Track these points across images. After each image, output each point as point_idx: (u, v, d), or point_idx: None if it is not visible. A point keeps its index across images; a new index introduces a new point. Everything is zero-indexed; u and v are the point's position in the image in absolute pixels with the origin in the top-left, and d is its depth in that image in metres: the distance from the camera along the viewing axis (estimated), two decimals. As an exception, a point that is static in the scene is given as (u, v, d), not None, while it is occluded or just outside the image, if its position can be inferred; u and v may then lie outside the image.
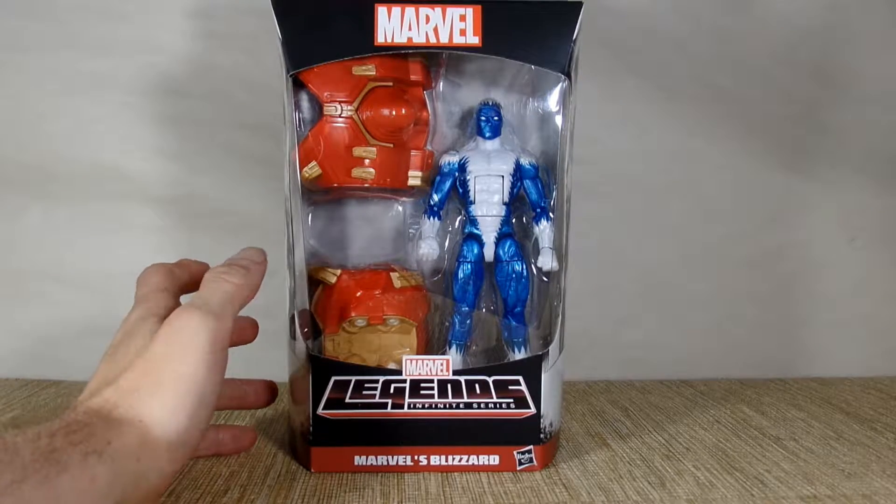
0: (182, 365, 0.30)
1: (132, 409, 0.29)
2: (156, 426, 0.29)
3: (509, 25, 0.44)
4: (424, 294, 0.50)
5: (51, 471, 0.25)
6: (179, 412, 0.30)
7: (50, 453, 0.25)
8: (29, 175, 0.63)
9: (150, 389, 0.30)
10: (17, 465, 0.24)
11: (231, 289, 0.35)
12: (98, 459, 0.26)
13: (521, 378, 0.45)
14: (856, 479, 0.46)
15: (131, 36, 0.62)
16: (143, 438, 0.28)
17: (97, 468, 0.26)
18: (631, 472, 0.46)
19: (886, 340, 0.73)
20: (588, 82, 0.53)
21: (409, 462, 0.46)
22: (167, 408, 0.29)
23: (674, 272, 0.69)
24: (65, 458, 0.25)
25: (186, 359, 0.30)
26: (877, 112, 0.70)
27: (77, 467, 0.26)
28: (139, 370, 0.30)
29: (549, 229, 0.48)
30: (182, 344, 0.31)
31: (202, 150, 0.64)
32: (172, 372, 0.30)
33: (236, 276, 0.36)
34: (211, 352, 0.31)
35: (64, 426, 0.27)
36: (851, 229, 0.71)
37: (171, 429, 0.29)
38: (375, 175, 0.46)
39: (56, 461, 0.25)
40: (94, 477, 0.26)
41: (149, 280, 0.38)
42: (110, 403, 0.29)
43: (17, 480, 0.24)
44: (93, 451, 0.26)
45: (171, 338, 0.31)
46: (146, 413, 0.29)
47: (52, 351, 0.65)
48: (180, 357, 0.31)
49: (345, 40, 0.44)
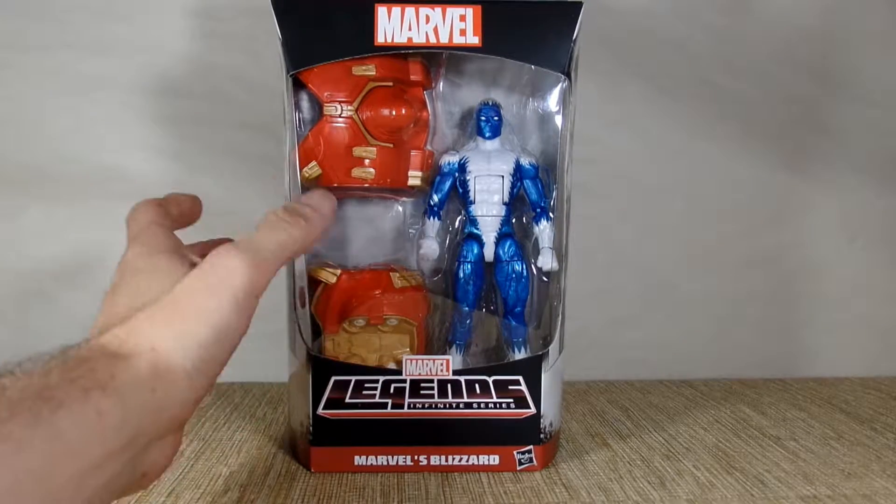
0: (208, 300, 0.28)
1: (143, 339, 0.27)
2: (171, 353, 0.27)
3: (509, 25, 0.44)
4: (424, 294, 0.50)
5: (43, 408, 0.22)
6: (195, 341, 0.28)
7: (42, 390, 0.23)
8: (29, 175, 0.63)
9: (166, 320, 0.28)
10: (2, 403, 0.22)
11: (286, 240, 0.32)
12: (102, 394, 0.24)
13: (521, 378, 0.45)
14: (856, 479, 0.46)
15: (131, 36, 0.62)
16: (155, 367, 0.26)
17: (102, 402, 0.24)
18: (631, 472, 0.46)
19: (886, 340, 0.73)
20: (588, 82, 0.53)
21: (409, 462, 0.46)
22: (185, 336, 0.27)
23: (674, 272, 0.69)
24: (60, 394, 0.23)
25: (214, 297, 0.28)
26: (877, 112, 0.70)
27: (77, 403, 0.23)
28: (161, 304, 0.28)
29: (549, 229, 0.48)
30: (214, 282, 0.29)
31: (202, 150, 0.64)
32: (195, 305, 0.28)
33: (296, 229, 0.33)
34: (244, 297, 0.29)
35: (61, 363, 0.25)
36: (851, 229, 0.71)
37: (187, 356, 0.27)
38: (375, 175, 0.46)
39: (49, 398, 0.23)
40: (100, 412, 0.24)
41: (140, 217, 0.36)
42: (119, 338, 0.27)
43: (2, 419, 0.21)
44: (94, 385, 0.24)
45: (204, 274, 0.29)
46: (159, 341, 0.27)
47: (51, 351, 0.65)
48: (208, 294, 0.29)
49: (345, 40, 0.44)
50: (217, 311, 0.28)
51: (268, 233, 0.32)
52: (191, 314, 0.28)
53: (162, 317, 0.28)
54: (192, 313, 0.28)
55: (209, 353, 0.28)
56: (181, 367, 0.27)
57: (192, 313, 0.28)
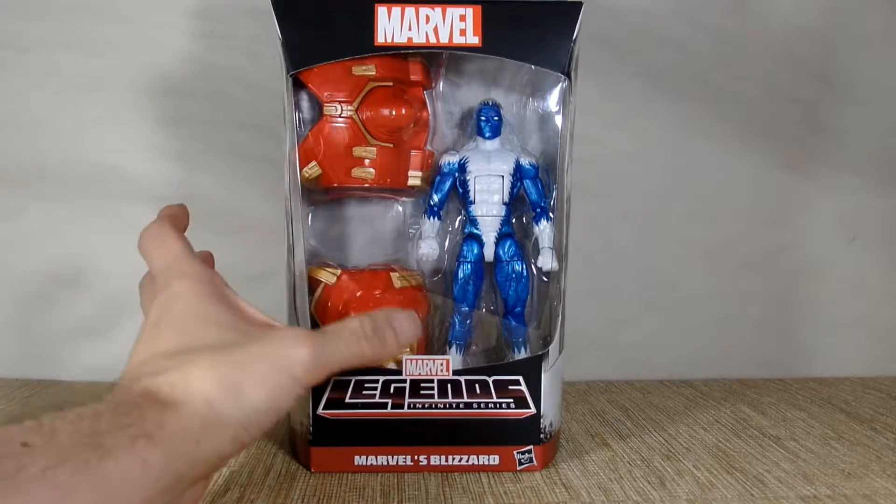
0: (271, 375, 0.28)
1: (199, 391, 0.27)
2: (225, 410, 0.27)
3: (509, 25, 0.44)
4: (424, 294, 0.50)
5: (92, 455, 0.22)
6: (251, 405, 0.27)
7: (92, 436, 0.23)
8: (29, 175, 0.63)
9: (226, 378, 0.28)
10: (53, 450, 0.22)
11: (357, 356, 0.32)
12: (149, 443, 0.24)
13: (521, 378, 0.45)
14: (856, 479, 0.46)
15: (131, 36, 0.62)
16: (205, 421, 0.26)
17: (148, 452, 0.24)
18: (631, 472, 0.46)
19: (886, 340, 0.73)
20: (588, 82, 0.53)
21: (409, 462, 0.46)
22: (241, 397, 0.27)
23: (674, 272, 0.69)
24: (109, 441, 0.23)
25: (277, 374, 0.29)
26: (877, 112, 0.70)
27: (124, 452, 0.23)
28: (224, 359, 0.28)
29: (549, 229, 0.48)
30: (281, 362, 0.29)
31: (202, 150, 0.64)
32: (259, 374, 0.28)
33: (371, 350, 0.32)
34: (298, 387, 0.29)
35: (112, 408, 0.25)
36: (851, 229, 0.71)
37: (240, 416, 0.27)
38: (375, 175, 0.46)
39: (99, 445, 0.23)
40: (145, 461, 0.24)
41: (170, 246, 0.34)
42: (171, 385, 0.27)
43: (51, 466, 0.22)
44: (142, 434, 0.24)
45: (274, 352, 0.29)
46: (215, 396, 0.27)
47: (52, 351, 0.65)
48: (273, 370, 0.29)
49: (345, 40, 0.44)
50: (277, 387, 0.28)
51: (346, 340, 0.32)
52: (253, 380, 0.28)
53: (224, 372, 0.28)
54: (255, 380, 0.28)
55: (258, 419, 0.28)
56: (231, 425, 0.27)
57: (254, 380, 0.28)
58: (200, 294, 0.32)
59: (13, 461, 0.21)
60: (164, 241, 0.35)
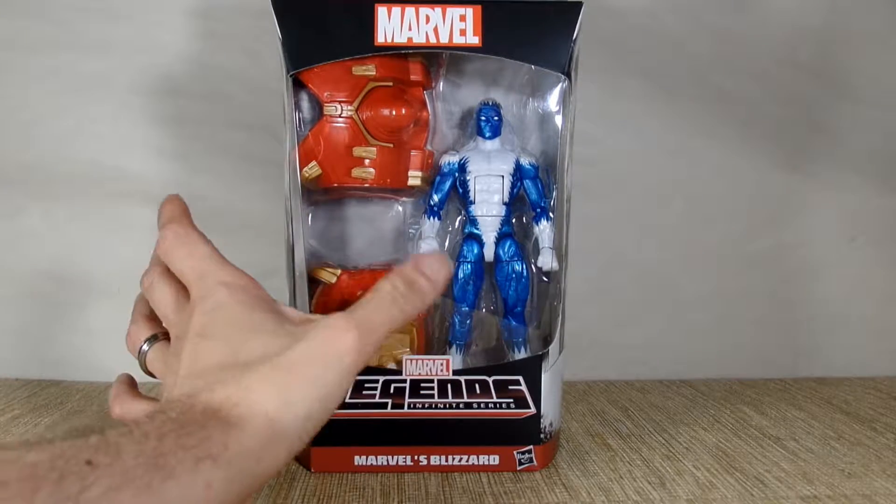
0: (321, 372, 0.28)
1: (258, 404, 0.26)
2: (285, 423, 0.27)
3: (509, 25, 0.44)
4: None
5: (155, 477, 0.22)
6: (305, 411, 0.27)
7: (157, 457, 0.23)
8: (29, 175, 0.63)
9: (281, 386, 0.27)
10: (118, 469, 0.22)
11: (398, 317, 0.31)
12: (213, 465, 0.24)
13: (521, 378, 0.45)
14: (856, 479, 0.46)
15: (131, 36, 0.62)
16: (269, 437, 0.26)
17: (212, 474, 0.24)
18: (631, 472, 0.46)
19: (886, 340, 0.73)
20: (588, 82, 0.53)
21: (409, 462, 0.46)
22: (297, 405, 0.27)
23: (674, 272, 0.69)
24: (172, 462, 0.23)
25: (327, 369, 0.28)
26: (877, 112, 0.70)
27: (187, 474, 0.23)
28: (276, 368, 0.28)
29: (549, 229, 0.48)
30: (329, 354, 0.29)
31: (202, 150, 0.64)
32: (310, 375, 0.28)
33: (409, 304, 0.32)
34: (350, 374, 0.29)
35: (177, 427, 0.24)
36: (851, 229, 0.71)
37: (296, 426, 0.27)
38: (375, 175, 0.46)
39: (162, 466, 0.23)
40: (208, 484, 0.24)
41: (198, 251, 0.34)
42: (232, 402, 0.26)
43: (115, 487, 0.21)
44: (207, 455, 0.24)
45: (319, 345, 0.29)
46: (273, 408, 0.26)
47: (52, 351, 0.65)
48: (322, 366, 0.28)
49: (345, 40, 0.44)
50: (327, 384, 0.28)
51: (382, 306, 0.31)
52: (305, 384, 0.28)
53: (279, 383, 0.27)
54: (307, 384, 0.28)
55: (312, 424, 0.28)
56: (288, 437, 0.27)
57: (306, 384, 0.28)
58: (242, 302, 0.31)
59: (77, 481, 0.21)
60: (192, 247, 0.34)
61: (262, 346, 0.29)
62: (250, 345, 0.29)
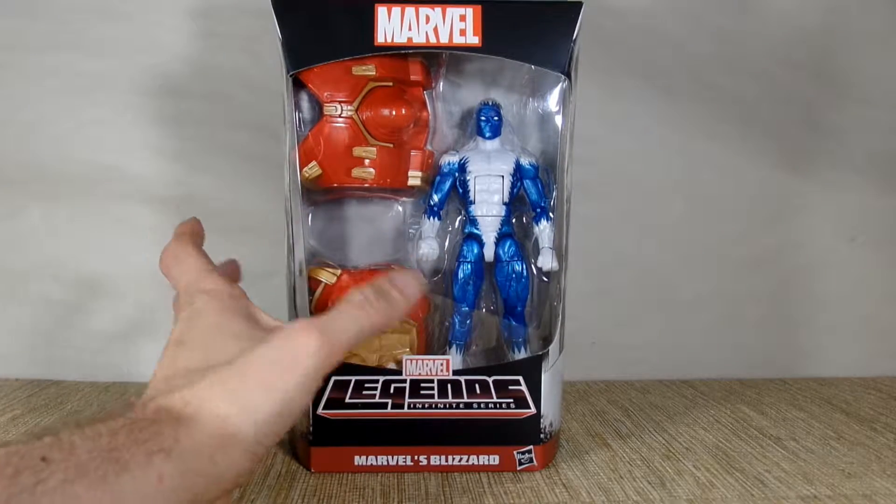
0: (279, 377, 0.28)
1: (211, 405, 0.27)
2: (238, 425, 0.27)
3: (509, 25, 0.44)
4: (424, 294, 0.50)
5: (109, 470, 0.23)
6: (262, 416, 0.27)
7: (109, 452, 0.24)
8: (29, 175, 0.63)
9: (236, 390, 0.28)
10: (72, 463, 0.23)
11: (366, 326, 0.31)
12: (165, 458, 0.25)
13: (521, 378, 0.45)
14: (856, 479, 0.46)
15: (132, 36, 0.62)
16: (220, 437, 0.26)
17: (164, 467, 0.24)
18: (631, 472, 0.46)
19: (886, 340, 0.73)
20: (588, 82, 0.53)
21: (409, 462, 0.46)
22: (252, 410, 0.27)
23: (674, 272, 0.69)
24: (126, 456, 0.24)
25: (285, 374, 0.28)
26: (877, 112, 0.70)
27: (140, 467, 0.24)
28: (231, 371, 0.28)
29: (549, 229, 0.48)
30: (288, 359, 0.29)
31: (202, 150, 0.64)
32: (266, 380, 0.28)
33: (379, 315, 0.32)
34: (312, 380, 0.29)
35: (129, 423, 0.25)
36: (851, 229, 0.71)
37: (250, 430, 0.27)
38: (375, 175, 0.46)
39: (116, 460, 0.23)
40: (161, 476, 0.24)
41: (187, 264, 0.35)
42: (185, 401, 0.27)
43: (69, 480, 0.22)
44: (159, 449, 0.25)
45: (279, 349, 0.29)
46: (224, 408, 0.27)
47: (52, 351, 0.65)
48: (280, 371, 0.28)
49: (345, 40, 0.44)
50: (286, 390, 0.28)
51: (351, 314, 0.31)
52: (261, 388, 0.28)
53: (232, 386, 0.28)
54: (263, 388, 0.28)
55: (271, 429, 0.28)
56: (244, 440, 0.27)
57: (262, 388, 0.28)
58: (220, 309, 0.32)
59: (32, 475, 0.22)
60: (183, 260, 0.35)
61: (231, 351, 0.30)
62: (223, 351, 0.30)
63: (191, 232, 0.37)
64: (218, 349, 0.30)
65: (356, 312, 0.31)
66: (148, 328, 0.65)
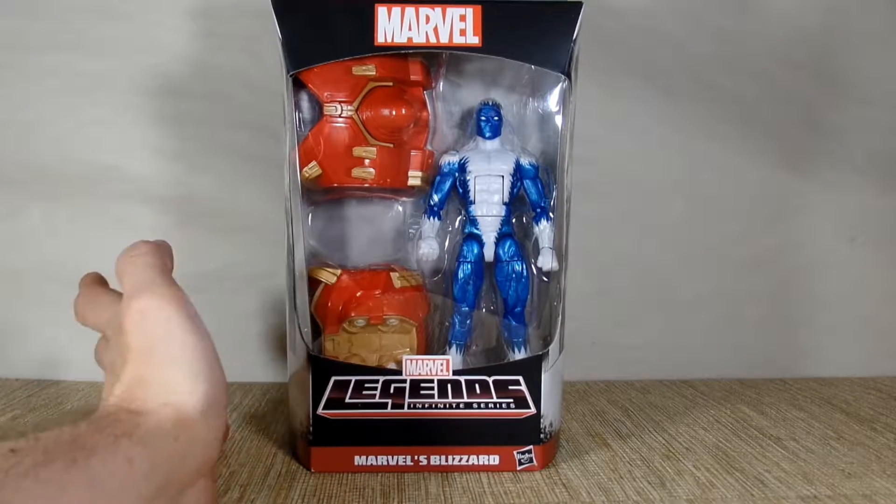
0: (170, 342, 0.30)
1: (149, 399, 0.28)
2: (183, 404, 0.28)
3: (509, 25, 0.44)
4: (424, 294, 0.50)
5: (78, 454, 0.24)
6: (196, 381, 0.29)
7: (75, 439, 0.24)
8: (29, 175, 0.63)
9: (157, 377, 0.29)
10: (39, 449, 0.23)
11: (150, 259, 0.34)
12: (130, 441, 0.25)
13: (521, 378, 0.45)
14: (856, 479, 0.46)
15: (132, 36, 0.62)
16: (175, 418, 0.28)
17: (131, 450, 0.25)
18: (631, 472, 0.46)
19: (886, 340, 0.73)
20: (588, 82, 0.53)
21: (409, 462, 0.46)
22: (184, 384, 0.29)
23: (674, 272, 0.69)
24: (91, 441, 0.24)
25: (171, 335, 0.30)
26: (877, 112, 0.70)
27: (107, 451, 0.24)
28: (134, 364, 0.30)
29: (549, 229, 0.48)
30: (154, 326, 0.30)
31: (202, 150, 0.64)
32: (166, 352, 0.29)
33: (144, 248, 0.35)
34: (185, 316, 0.30)
35: (90, 420, 0.26)
36: (851, 229, 0.71)
37: (197, 400, 0.29)
38: (375, 175, 0.46)
39: (82, 446, 0.24)
40: (129, 459, 0.25)
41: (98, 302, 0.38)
42: (126, 399, 0.28)
43: (41, 463, 0.23)
44: (122, 433, 0.25)
45: (141, 326, 0.30)
46: (167, 397, 0.28)
47: (52, 351, 0.65)
48: (163, 336, 0.30)
49: (345, 40, 0.44)
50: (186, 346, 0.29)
51: (135, 269, 0.33)
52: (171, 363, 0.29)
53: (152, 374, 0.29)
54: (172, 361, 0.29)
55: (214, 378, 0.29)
56: (196, 411, 0.28)
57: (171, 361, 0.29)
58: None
59: (2, 461, 0.22)
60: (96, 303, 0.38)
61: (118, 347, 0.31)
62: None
63: (92, 280, 0.40)
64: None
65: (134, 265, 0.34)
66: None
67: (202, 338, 0.30)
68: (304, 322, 0.46)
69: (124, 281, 0.33)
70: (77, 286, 0.68)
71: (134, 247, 0.35)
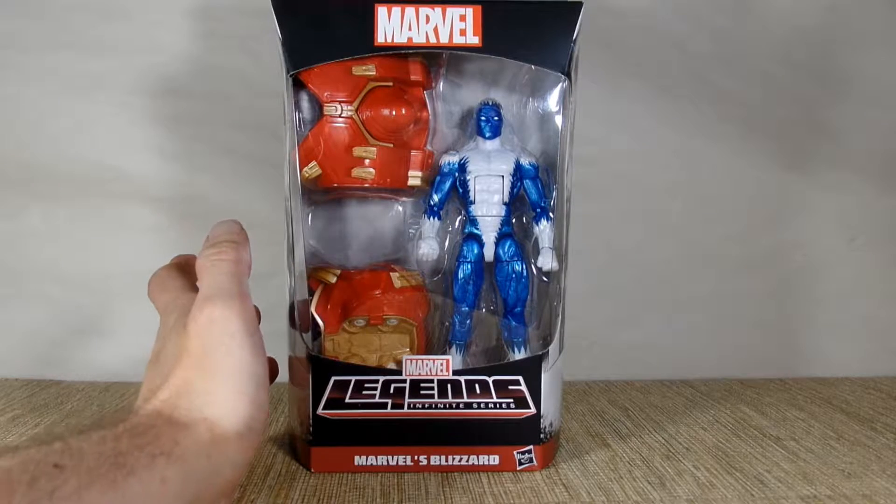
0: (227, 357, 0.30)
1: (192, 409, 0.28)
2: (222, 420, 0.28)
3: (509, 25, 0.44)
4: (424, 294, 0.50)
5: (118, 475, 0.24)
6: (241, 401, 0.29)
7: (116, 457, 0.25)
8: (29, 175, 0.63)
9: (204, 387, 0.29)
10: (83, 469, 0.24)
11: (232, 267, 0.33)
12: (167, 461, 0.26)
13: (521, 378, 0.45)
14: (856, 479, 0.46)
15: (131, 36, 0.62)
16: (211, 435, 0.28)
17: (167, 470, 0.26)
18: (631, 472, 0.46)
19: (886, 340, 0.73)
20: (588, 82, 0.53)
21: (409, 462, 0.46)
22: (228, 401, 0.29)
23: (674, 272, 0.69)
24: (131, 461, 0.25)
25: (231, 350, 0.30)
26: (877, 112, 0.70)
27: (145, 470, 0.25)
28: (186, 368, 0.30)
29: (549, 229, 0.48)
30: (218, 337, 0.30)
31: (202, 150, 0.64)
32: (220, 365, 0.29)
33: (230, 253, 0.34)
34: (248, 334, 0.30)
35: (129, 428, 0.27)
36: (851, 229, 0.71)
37: (237, 420, 0.29)
38: (375, 175, 0.46)
39: (122, 465, 0.25)
40: (164, 479, 0.25)
41: (168, 285, 0.37)
42: (169, 405, 0.29)
43: (84, 486, 0.23)
44: (160, 452, 0.26)
45: (205, 334, 0.30)
46: (208, 410, 0.28)
47: (52, 351, 0.65)
48: (223, 350, 0.30)
49: (345, 40, 0.44)
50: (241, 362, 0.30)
51: (215, 272, 0.33)
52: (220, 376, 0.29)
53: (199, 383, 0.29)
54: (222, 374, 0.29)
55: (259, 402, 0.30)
56: (234, 432, 0.29)
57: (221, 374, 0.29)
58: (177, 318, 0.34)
59: (49, 482, 0.23)
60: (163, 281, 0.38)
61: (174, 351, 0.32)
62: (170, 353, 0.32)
63: (179, 262, 0.40)
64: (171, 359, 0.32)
65: (214, 267, 0.33)
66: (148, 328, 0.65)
67: (258, 358, 0.30)
68: (304, 322, 0.46)
69: (203, 281, 0.33)
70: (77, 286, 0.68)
71: (217, 246, 0.35)
